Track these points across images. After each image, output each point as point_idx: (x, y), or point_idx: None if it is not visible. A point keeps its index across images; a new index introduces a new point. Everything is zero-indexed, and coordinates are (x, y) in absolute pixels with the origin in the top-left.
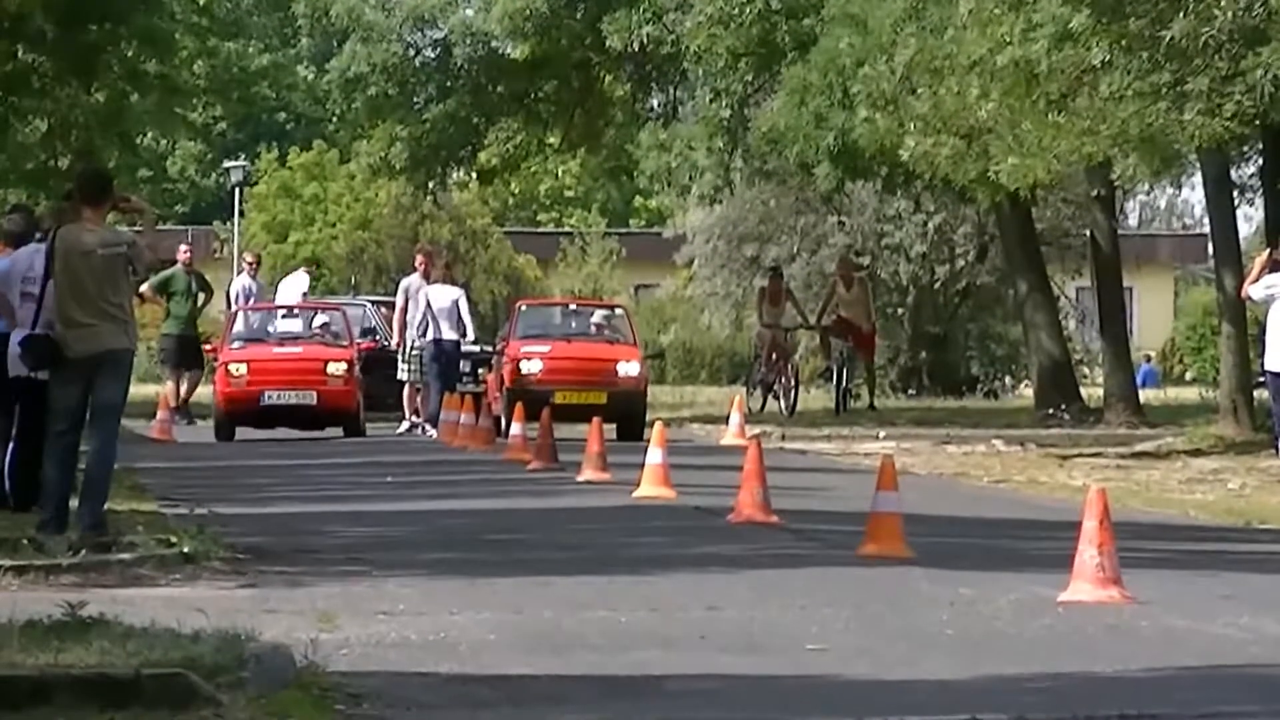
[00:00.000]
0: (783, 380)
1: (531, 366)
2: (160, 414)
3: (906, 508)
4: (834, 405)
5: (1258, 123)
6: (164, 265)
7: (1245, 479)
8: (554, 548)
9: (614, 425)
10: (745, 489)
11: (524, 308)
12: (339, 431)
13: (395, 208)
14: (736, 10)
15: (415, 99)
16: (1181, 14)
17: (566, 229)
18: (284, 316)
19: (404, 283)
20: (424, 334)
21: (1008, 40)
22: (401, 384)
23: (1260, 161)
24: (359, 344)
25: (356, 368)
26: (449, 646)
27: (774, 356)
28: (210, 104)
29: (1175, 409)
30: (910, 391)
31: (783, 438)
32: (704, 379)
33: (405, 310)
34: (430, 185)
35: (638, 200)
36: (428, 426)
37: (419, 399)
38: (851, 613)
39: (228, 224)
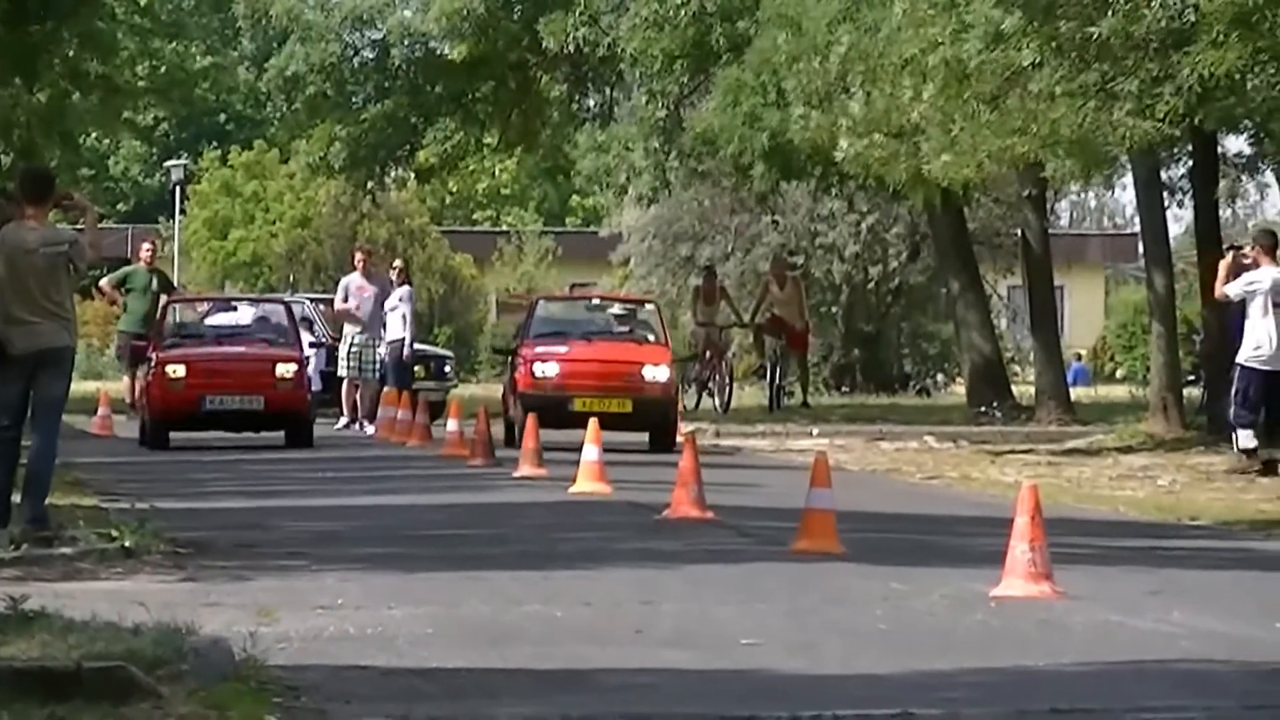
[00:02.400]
0: (717, 378)
1: (547, 369)
2: (101, 410)
3: (840, 504)
4: (768, 403)
5: (1187, 124)
6: (106, 263)
7: (1175, 475)
8: (491, 543)
9: (641, 434)
10: (680, 485)
11: (541, 303)
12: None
13: (334, 206)
14: (671, 12)
15: (354, 99)
16: (1110, 14)
17: (503, 228)
18: (222, 310)
19: (344, 280)
20: (380, 335)
21: (940, 41)
22: (339, 380)
23: (1190, 162)
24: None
25: (306, 369)
26: (387, 640)
27: (708, 355)
28: (152, 104)
29: (1106, 406)
30: (843, 389)
31: (717, 434)
32: None
33: (344, 306)
34: (369, 184)
35: (574, 199)
36: (365, 423)
37: (357, 395)
38: (785, 608)
39: (169, 222)
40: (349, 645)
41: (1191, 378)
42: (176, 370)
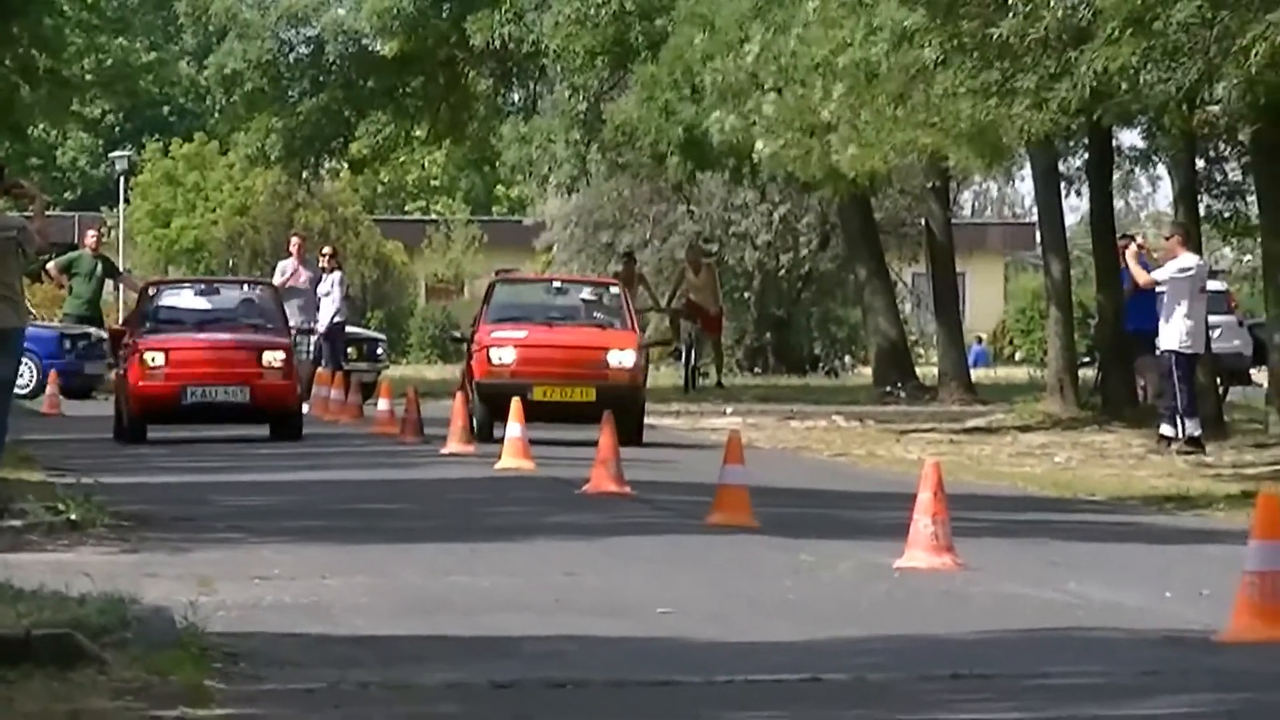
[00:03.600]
0: None
1: (503, 356)
2: (49, 389)
3: (752, 480)
4: (683, 383)
5: (1083, 117)
6: (54, 248)
7: (1071, 453)
8: (420, 517)
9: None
10: (599, 462)
11: (499, 285)
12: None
13: (271, 195)
14: (593, 11)
15: (290, 93)
16: (1010, 14)
17: (432, 216)
18: (202, 293)
19: (280, 266)
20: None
21: (849, 42)
22: None
23: (1086, 155)
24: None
25: (294, 357)
26: (321, 609)
27: None
28: (98, 97)
29: (1005, 387)
30: (756, 370)
31: None
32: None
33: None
34: (304, 174)
35: (499, 189)
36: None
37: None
38: (700, 579)
39: (114, 210)
40: (285, 614)
41: (1086, 360)
42: (155, 358)
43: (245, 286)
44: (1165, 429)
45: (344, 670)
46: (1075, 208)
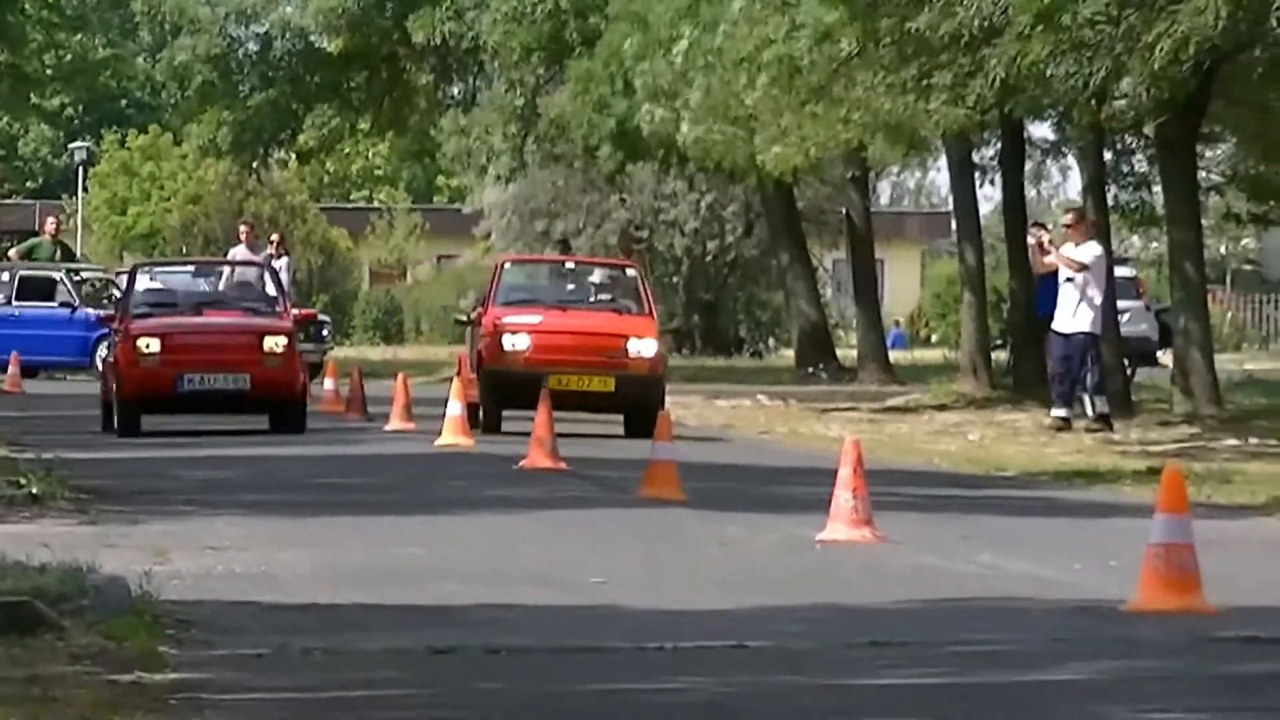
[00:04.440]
0: None
1: (516, 342)
2: (11, 368)
3: (681, 456)
4: None
5: (996, 111)
6: (15, 235)
7: (984, 431)
8: (365, 491)
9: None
10: (535, 439)
11: (508, 266)
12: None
13: (223, 185)
14: (529, 9)
15: (239, 87)
16: (926, 12)
17: (375, 205)
18: (198, 274)
19: (230, 252)
20: None
21: (773, 38)
22: None
23: (999, 146)
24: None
25: (297, 342)
26: (270, 579)
27: None
28: (58, 91)
29: (921, 368)
30: (684, 352)
31: None
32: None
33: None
34: (253, 165)
35: (440, 179)
36: None
37: None
38: (631, 550)
39: (73, 199)
40: (235, 583)
41: (999, 342)
42: (149, 344)
43: (244, 267)
44: (1059, 411)
45: (290, 637)
46: (989, 197)
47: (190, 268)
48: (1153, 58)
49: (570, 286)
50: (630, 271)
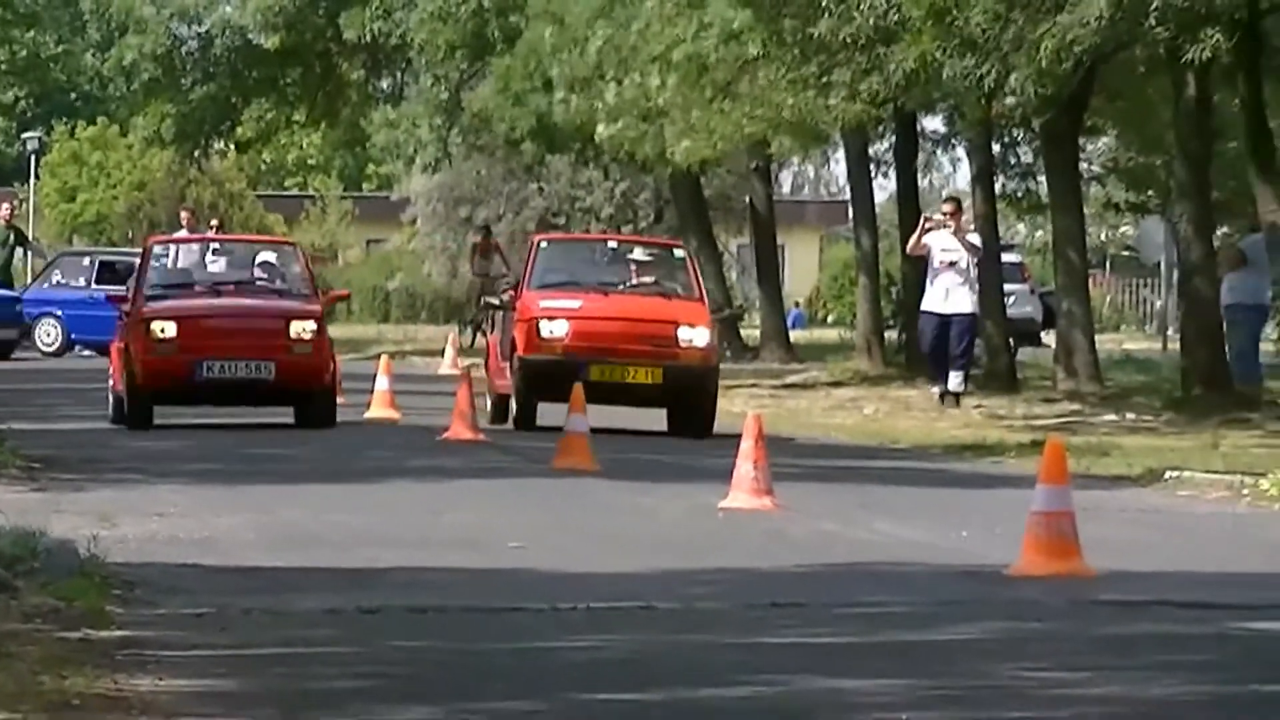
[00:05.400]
0: (490, 321)
1: (554, 329)
2: None
3: (593, 428)
4: None
5: (891, 106)
6: None
7: (878, 405)
8: (298, 461)
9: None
10: (458, 412)
11: (544, 245)
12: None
13: (166, 173)
14: (454, 8)
15: (182, 82)
16: (827, 15)
17: (309, 192)
18: (216, 253)
19: (174, 236)
20: None
21: (683, 39)
22: None
23: (894, 139)
24: (332, 292)
25: (327, 328)
26: (211, 543)
27: (483, 301)
28: (11, 84)
29: (819, 347)
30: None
31: None
32: (424, 319)
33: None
34: (195, 155)
35: (369, 168)
36: None
37: None
38: (546, 516)
39: (25, 186)
40: (179, 547)
41: (891, 323)
42: (164, 329)
43: (268, 246)
44: (954, 383)
45: (230, 597)
46: (883, 186)
47: (210, 245)
48: (1038, 57)
49: (613, 267)
50: (679, 252)
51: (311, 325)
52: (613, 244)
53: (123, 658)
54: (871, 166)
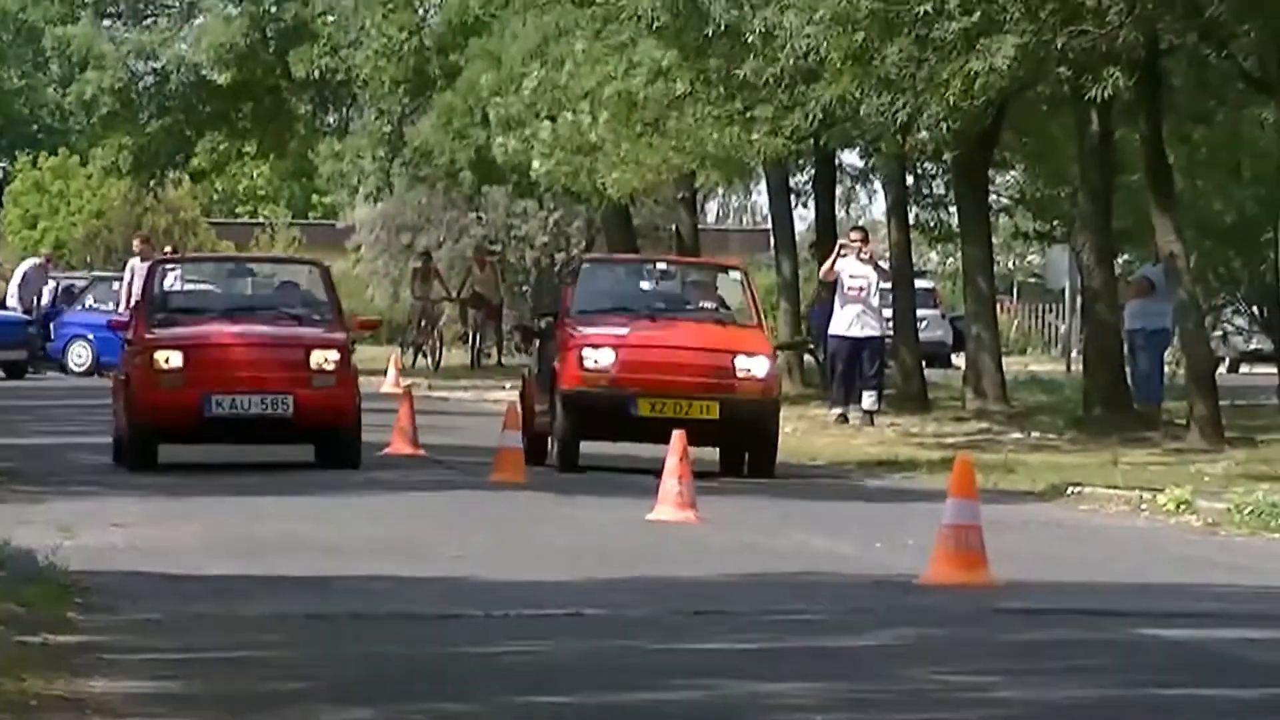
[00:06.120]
0: (430, 342)
1: (600, 358)
2: None
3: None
4: (470, 362)
5: (811, 141)
6: None
7: (797, 424)
8: (246, 473)
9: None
10: (397, 428)
11: (587, 266)
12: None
13: (124, 201)
14: (397, 46)
15: (140, 115)
16: (751, 55)
17: (259, 220)
18: (232, 274)
19: (130, 263)
20: None
21: (613, 77)
22: None
23: (813, 172)
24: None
25: (352, 358)
26: (165, 552)
27: (423, 323)
28: None
29: None
30: (531, 352)
31: (429, 387)
32: (367, 339)
33: (130, 283)
34: (151, 184)
35: (316, 197)
36: None
37: None
38: (483, 528)
39: None
40: (135, 556)
41: (811, 346)
42: (169, 359)
43: (289, 266)
44: (868, 402)
45: (182, 604)
46: (803, 217)
47: (223, 265)
48: (949, 95)
49: (663, 291)
50: (734, 274)
51: (334, 355)
52: (662, 265)
53: (80, 661)
54: (792, 197)
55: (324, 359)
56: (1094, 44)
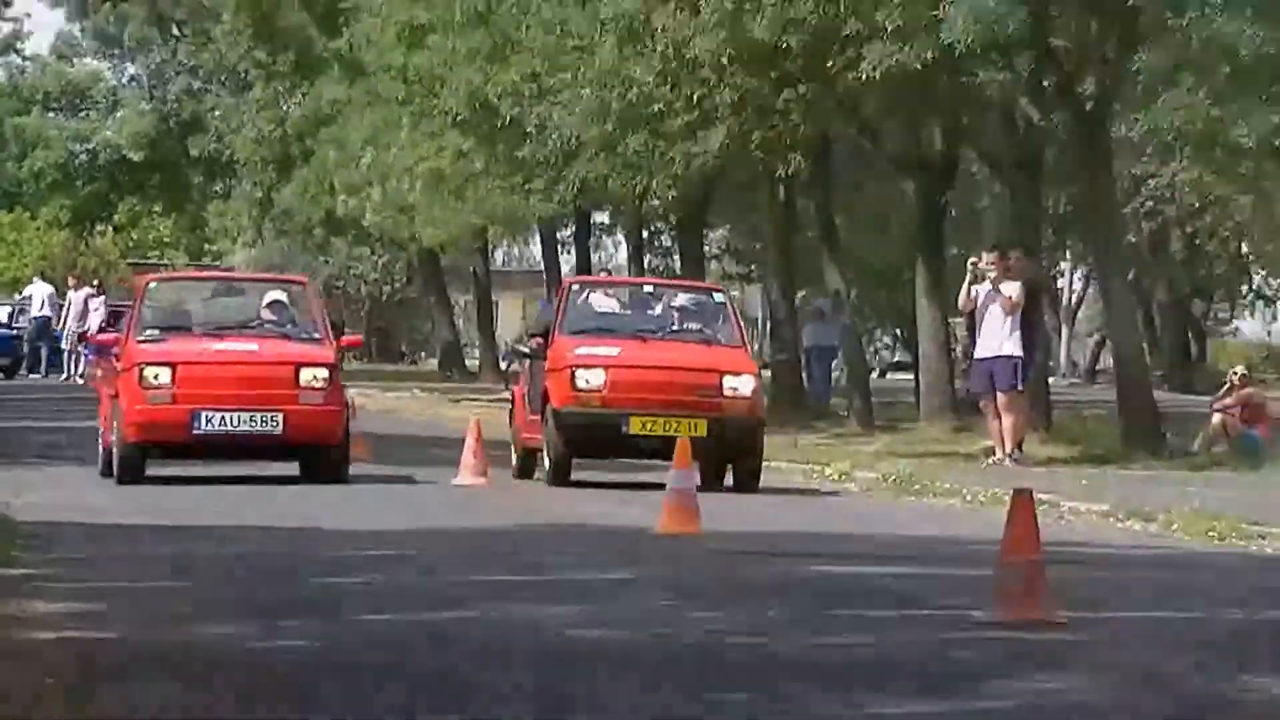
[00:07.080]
0: None
1: (592, 379)
2: None
3: (364, 428)
4: None
5: (573, 205)
6: None
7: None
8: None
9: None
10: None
11: (576, 287)
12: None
13: (63, 248)
14: (266, 135)
15: (76, 183)
16: (528, 141)
17: (165, 261)
18: (218, 293)
19: (69, 295)
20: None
21: (426, 156)
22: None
23: (574, 227)
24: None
25: (340, 373)
26: (97, 510)
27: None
28: None
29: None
30: (365, 360)
31: None
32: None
33: (67, 309)
34: (84, 234)
35: (206, 245)
36: (78, 377)
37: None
38: (335, 491)
39: None
40: (73, 512)
41: None
42: (158, 375)
43: (275, 284)
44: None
45: (105, 547)
46: (568, 260)
47: (210, 282)
48: (674, 171)
49: (651, 312)
50: (718, 296)
51: (324, 373)
52: (649, 287)
53: (25, 589)
54: (558, 247)
55: (314, 376)
56: (781, 135)
